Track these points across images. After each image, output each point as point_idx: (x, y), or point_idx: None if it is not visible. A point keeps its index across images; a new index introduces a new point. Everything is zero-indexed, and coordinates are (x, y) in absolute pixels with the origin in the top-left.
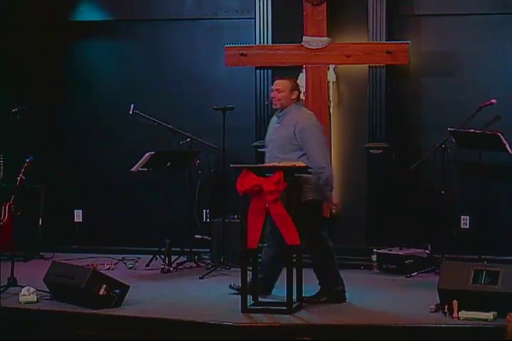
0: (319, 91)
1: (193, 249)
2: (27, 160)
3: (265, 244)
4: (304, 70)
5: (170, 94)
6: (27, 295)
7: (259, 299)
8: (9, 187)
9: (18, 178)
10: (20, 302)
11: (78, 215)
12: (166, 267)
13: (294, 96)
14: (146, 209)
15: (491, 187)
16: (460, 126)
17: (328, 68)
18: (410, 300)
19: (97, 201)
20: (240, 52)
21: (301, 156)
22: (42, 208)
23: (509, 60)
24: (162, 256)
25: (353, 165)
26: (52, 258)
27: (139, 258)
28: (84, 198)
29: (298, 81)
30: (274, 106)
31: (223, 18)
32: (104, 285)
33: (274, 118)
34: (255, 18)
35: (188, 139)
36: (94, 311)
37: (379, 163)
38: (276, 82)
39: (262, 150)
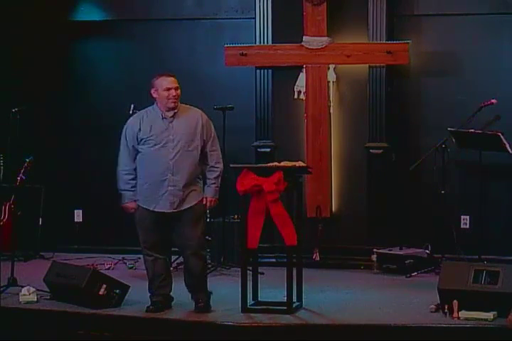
0: (319, 91)
1: None
2: (27, 160)
3: (153, 256)
4: (304, 70)
5: None
6: (27, 295)
7: (259, 299)
8: (9, 187)
9: (18, 178)
10: (20, 302)
11: (78, 215)
12: None
13: None
14: None
15: (491, 187)
16: (460, 126)
17: (328, 68)
18: (410, 300)
19: (97, 201)
20: (240, 52)
21: (201, 151)
22: (42, 208)
23: (509, 60)
24: None
25: (353, 165)
26: (52, 258)
27: (139, 258)
28: (84, 198)
29: (298, 81)
30: (172, 105)
31: (223, 18)
32: (104, 285)
33: (155, 116)
34: (255, 18)
35: None
36: (94, 311)
37: (379, 163)
38: (171, 79)
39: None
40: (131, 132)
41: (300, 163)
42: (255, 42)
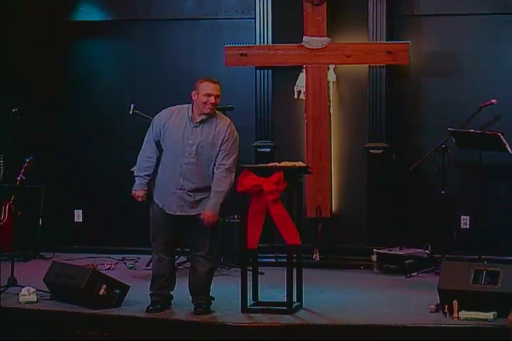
0: (319, 91)
1: None
2: (27, 160)
3: (159, 256)
4: (303, 70)
5: (170, 94)
6: (27, 295)
7: (259, 299)
8: (9, 187)
9: (18, 178)
10: (20, 302)
11: (78, 215)
12: None
13: None
14: (146, 209)
15: (491, 187)
16: (460, 126)
17: (328, 68)
18: (410, 300)
19: (97, 201)
20: (240, 52)
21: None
22: (42, 208)
23: (509, 60)
24: None
25: (353, 165)
26: (52, 258)
27: (139, 258)
28: (84, 198)
29: (298, 81)
30: (208, 112)
31: (223, 18)
32: (104, 285)
33: (184, 117)
34: (255, 18)
35: None
36: (94, 311)
37: (379, 163)
38: (213, 86)
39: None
40: (157, 124)
41: (300, 163)
42: (255, 43)
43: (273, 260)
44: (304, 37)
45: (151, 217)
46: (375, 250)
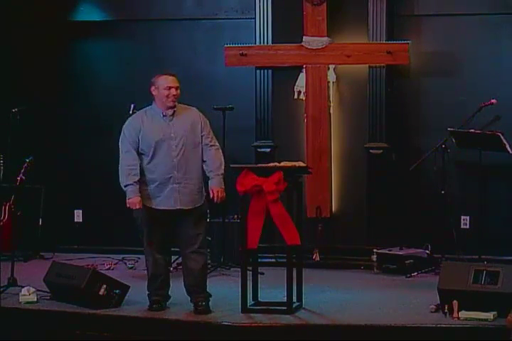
0: (319, 91)
1: None
2: (27, 160)
3: (155, 257)
4: (303, 70)
5: None
6: (27, 295)
7: (259, 299)
8: (9, 187)
9: (18, 178)
10: (20, 302)
11: (78, 215)
12: None
13: None
14: None
15: (491, 187)
16: (460, 126)
17: (328, 68)
18: (410, 300)
19: (97, 201)
20: (240, 52)
21: (201, 148)
22: (42, 208)
23: (509, 60)
24: None
25: (353, 165)
26: (52, 258)
27: (139, 258)
28: (84, 198)
29: (298, 81)
30: (171, 104)
31: (223, 18)
32: (104, 285)
33: (156, 115)
34: (255, 18)
35: None
36: (94, 311)
37: (379, 163)
38: (172, 79)
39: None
40: (132, 132)
41: (300, 163)
42: (255, 43)
43: (273, 260)
44: (304, 37)
45: (142, 222)
46: (375, 250)
